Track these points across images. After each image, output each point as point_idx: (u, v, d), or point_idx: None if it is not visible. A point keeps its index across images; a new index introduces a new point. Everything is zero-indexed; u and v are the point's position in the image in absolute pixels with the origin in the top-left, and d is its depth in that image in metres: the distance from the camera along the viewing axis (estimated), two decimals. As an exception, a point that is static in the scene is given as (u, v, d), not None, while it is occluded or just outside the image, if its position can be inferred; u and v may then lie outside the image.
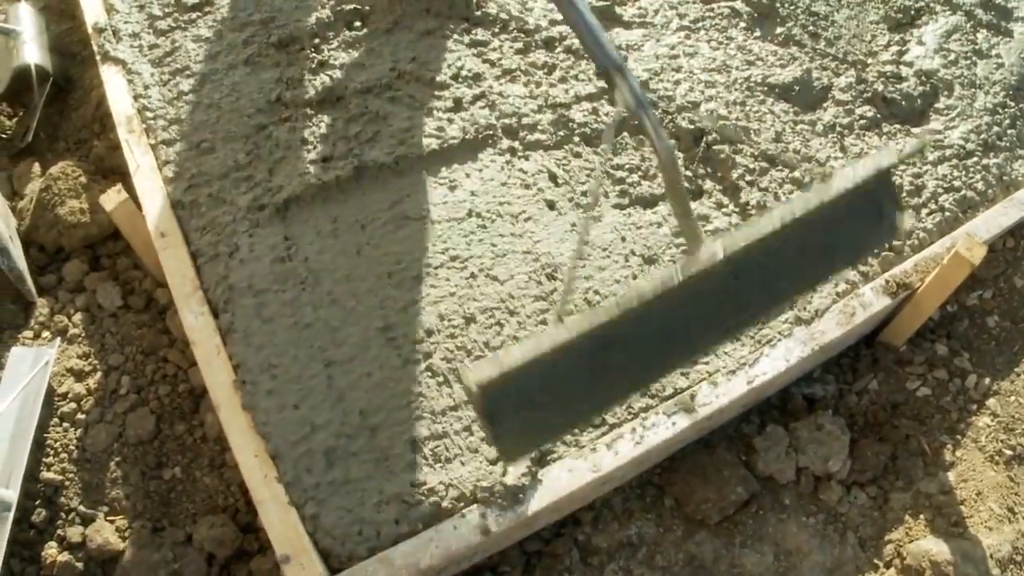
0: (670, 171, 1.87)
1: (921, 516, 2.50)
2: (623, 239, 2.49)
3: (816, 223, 1.86)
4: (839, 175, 1.90)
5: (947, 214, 2.75)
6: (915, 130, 2.94)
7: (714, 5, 3.09)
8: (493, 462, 2.10)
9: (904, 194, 2.73)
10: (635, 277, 2.42)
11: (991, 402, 2.74)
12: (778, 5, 3.11)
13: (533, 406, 1.70)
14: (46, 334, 2.65)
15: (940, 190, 2.80)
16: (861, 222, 2.03)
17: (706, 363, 2.30)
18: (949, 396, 2.74)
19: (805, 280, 2.01)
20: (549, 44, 2.90)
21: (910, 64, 3.11)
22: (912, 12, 3.29)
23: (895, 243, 2.55)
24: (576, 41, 2.91)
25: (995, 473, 2.60)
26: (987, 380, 2.77)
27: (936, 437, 2.65)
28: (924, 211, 2.74)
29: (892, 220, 2.05)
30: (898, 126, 2.94)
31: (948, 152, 2.89)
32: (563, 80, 2.82)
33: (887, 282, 2.52)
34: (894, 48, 3.17)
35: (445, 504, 2.05)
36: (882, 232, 2.08)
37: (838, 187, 1.86)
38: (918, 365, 2.77)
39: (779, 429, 2.54)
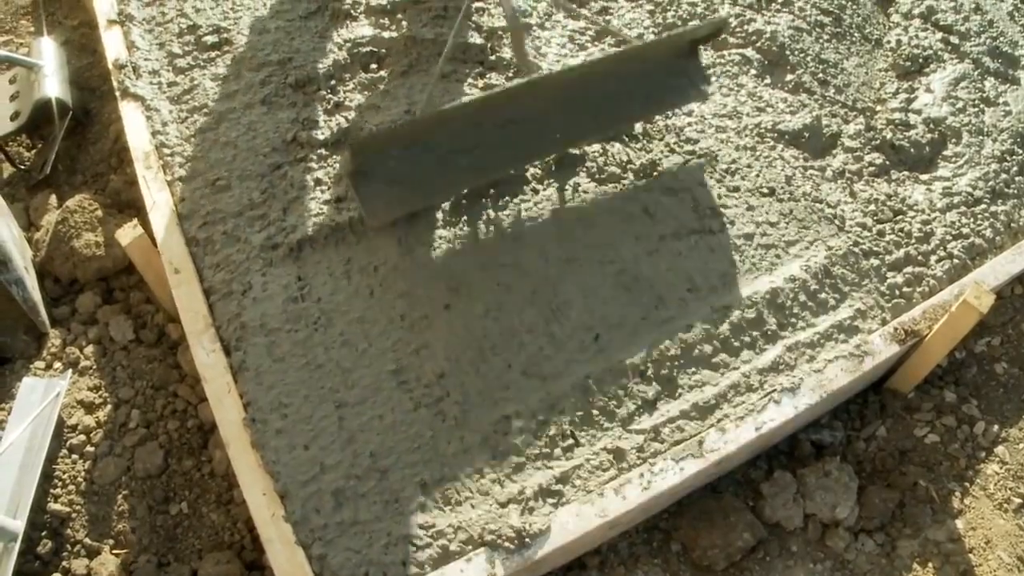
0: (512, 24, 2.53)
1: (929, 564, 2.48)
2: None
3: (634, 73, 2.65)
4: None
5: (955, 261, 2.76)
6: (923, 176, 2.97)
7: (725, 52, 3.13)
8: (503, 504, 2.10)
9: (912, 239, 2.74)
10: None
11: (1000, 449, 2.74)
12: (788, 53, 3.15)
13: (402, 176, 2.31)
14: (58, 365, 2.67)
15: (948, 237, 2.81)
16: (675, 83, 2.74)
17: (715, 408, 2.31)
18: (957, 443, 2.73)
19: (623, 112, 2.70)
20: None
21: (918, 111, 3.14)
22: (920, 60, 3.33)
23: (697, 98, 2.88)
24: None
25: (1004, 521, 2.58)
26: (995, 427, 2.77)
27: (944, 484, 2.64)
28: (933, 258, 2.75)
29: (700, 88, 2.76)
30: (907, 173, 2.97)
31: (956, 199, 2.91)
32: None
33: (895, 329, 2.52)
34: (903, 96, 3.20)
35: (453, 547, 2.04)
36: (691, 95, 2.78)
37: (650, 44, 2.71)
38: (926, 412, 2.77)
39: (787, 475, 2.54)
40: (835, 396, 2.46)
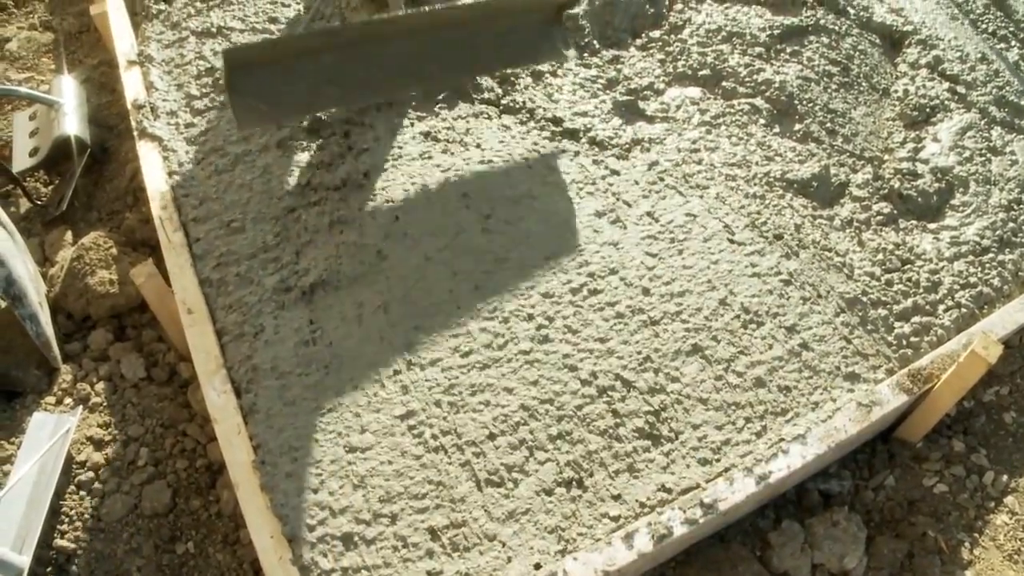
0: None
1: (938, 616, 2.46)
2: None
3: (497, 26, 2.90)
4: None
5: (963, 310, 2.77)
6: (931, 225, 2.99)
7: (734, 101, 3.18)
8: (511, 551, 2.10)
9: (920, 289, 2.75)
10: None
11: (1009, 500, 2.72)
12: (797, 102, 3.19)
13: (272, 92, 2.56)
14: (68, 401, 2.67)
15: (956, 286, 2.82)
16: (537, 42, 2.99)
17: (723, 457, 2.31)
18: (966, 493, 2.71)
19: (481, 61, 2.95)
20: (573, 134, 2.98)
21: (926, 161, 3.16)
22: (927, 110, 3.36)
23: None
24: (600, 132, 3.00)
25: (1014, 573, 2.56)
26: (1004, 477, 2.75)
27: (953, 535, 2.62)
28: (940, 307, 2.76)
29: (559, 50, 3.03)
30: (914, 222, 2.98)
31: (964, 248, 2.92)
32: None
33: (904, 379, 2.52)
34: (910, 145, 3.23)
35: (460, 594, 2.04)
36: (550, 55, 3.05)
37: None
38: (935, 461, 2.75)
39: (795, 524, 2.53)
40: (843, 446, 2.45)
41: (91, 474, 2.53)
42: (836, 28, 3.62)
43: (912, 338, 2.66)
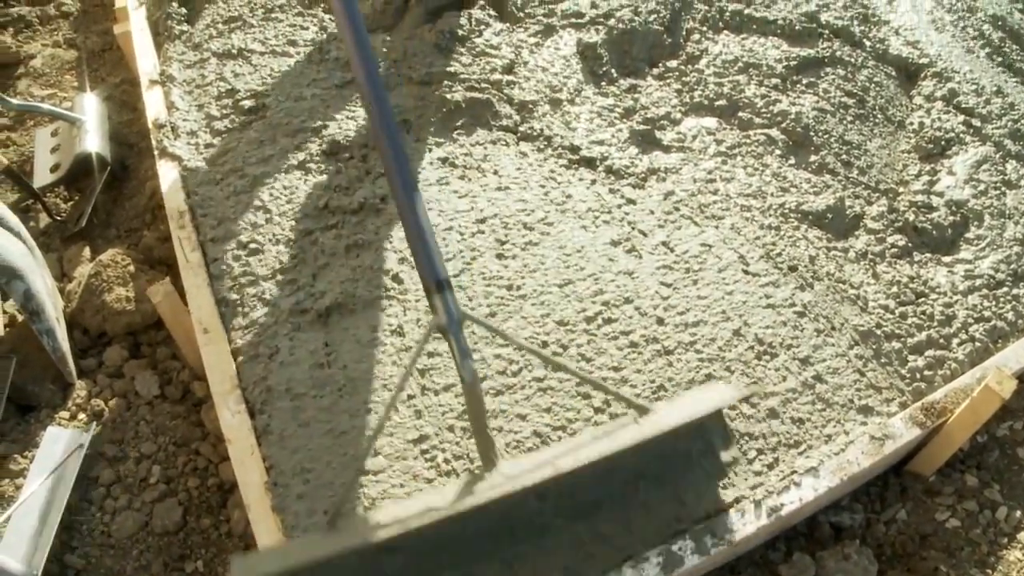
0: (471, 394, 1.91)
1: (950, 653, 2.44)
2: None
3: (634, 458, 1.97)
4: (662, 413, 2.01)
5: (977, 344, 2.76)
6: (945, 258, 2.99)
7: (750, 132, 3.19)
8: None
9: (934, 322, 2.75)
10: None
11: (1022, 536, 2.70)
12: (812, 134, 3.20)
13: None
14: (82, 416, 2.69)
15: (970, 320, 2.82)
16: (683, 459, 2.11)
17: (734, 488, 2.30)
18: (979, 528, 2.70)
19: (613, 514, 2.06)
20: (590, 162, 3.00)
21: (941, 194, 3.17)
22: (942, 143, 3.37)
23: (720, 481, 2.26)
24: (616, 161, 3.02)
25: (1026, 610, 2.54)
26: (1018, 513, 2.73)
27: (966, 570, 2.60)
28: (954, 341, 2.75)
29: (718, 459, 2.14)
30: (929, 255, 2.99)
31: (978, 282, 2.92)
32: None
33: (917, 413, 2.52)
34: (925, 178, 3.24)
35: (468, 622, 2.03)
36: (705, 472, 2.14)
37: (657, 427, 1.94)
38: (947, 496, 2.74)
39: (805, 557, 2.51)
40: (856, 479, 2.44)
41: (103, 490, 2.55)
42: (852, 60, 3.64)
43: (926, 372, 2.66)
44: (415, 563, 1.83)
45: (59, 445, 2.51)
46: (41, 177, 3.31)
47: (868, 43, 3.78)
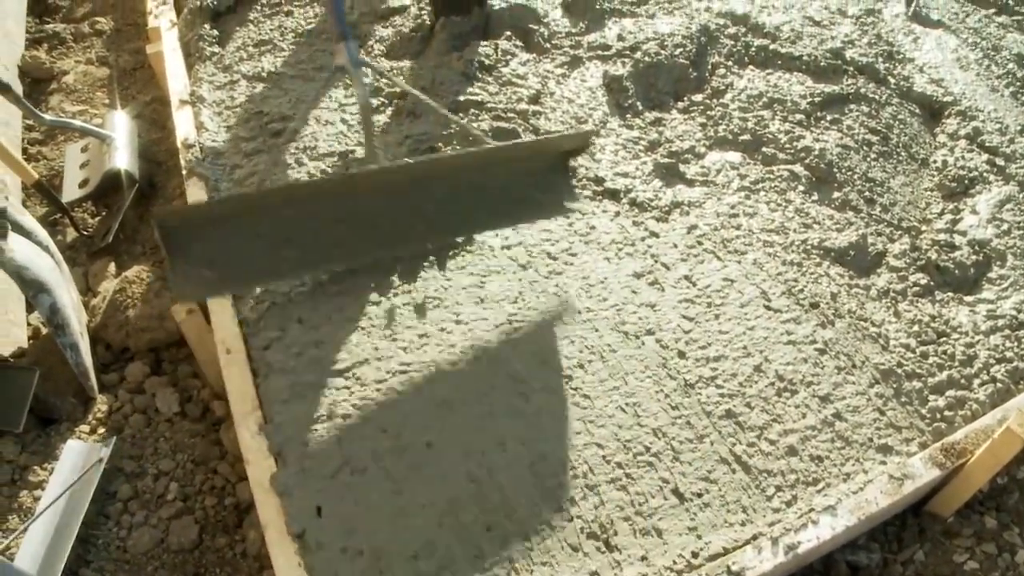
0: (365, 111, 2.59)
1: None
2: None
3: (491, 179, 2.59)
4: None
5: (999, 385, 2.74)
6: (967, 298, 2.97)
7: (774, 167, 3.21)
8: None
9: (955, 362, 2.74)
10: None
11: (1041, 580, 2.67)
12: (836, 170, 3.21)
13: (220, 257, 2.23)
14: (102, 430, 2.71)
15: (992, 361, 2.80)
16: (537, 196, 2.67)
17: (752, 525, 2.29)
18: (997, 572, 2.66)
19: (470, 221, 2.63)
20: (614, 194, 3.02)
21: (963, 233, 3.16)
22: (966, 181, 3.37)
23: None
24: (640, 194, 3.03)
25: (1044, 656, 2.51)
26: (1036, 557, 2.71)
27: (983, 615, 2.57)
28: (976, 381, 2.74)
29: (564, 205, 2.74)
30: (951, 294, 2.98)
31: (1000, 322, 2.91)
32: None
33: (937, 453, 2.50)
34: (948, 216, 3.23)
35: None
36: (553, 210, 2.73)
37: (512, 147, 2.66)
38: (966, 537, 2.71)
39: (821, 597, 2.50)
40: (874, 518, 2.43)
41: (120, 505, 2.56)
42: (876, 97, 3.66)
43: (946, 412, 2.64)
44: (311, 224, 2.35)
45: (78, 459, 2.53)
46: (70, 192, 3.37)
47: (892, 80, 3.79)
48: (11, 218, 2.62)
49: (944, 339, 2.82)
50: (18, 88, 3.44)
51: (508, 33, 3.55)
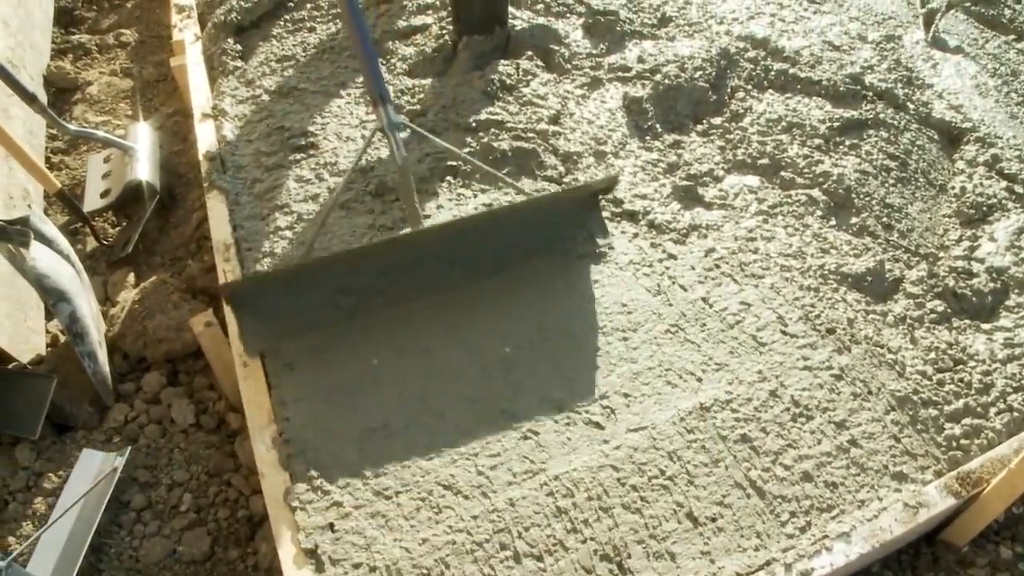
0: (402, 175, 2.62)
1: None
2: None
3: (527, 223, 2.75)
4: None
5: (1015, 414, 2.73)
6: (985, 326, 2.96)
7: (792, 192, 3.21)
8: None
9: (972, 390, 2.72)
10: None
11: (1056, 613, 2.64)
12: (854, 196, 3.21)
13: (282, 311, 2.51)
14: (117, 439, 2.73)
15: (1009, 389, 2.78)
16: (570, 234, 2.84)
17: (765, 550, 2.28)
18: (1012, 603, 2.65)
19: (508, 263, 2.77)
20: (632, 216, 3.04)
21: (981, 260, 3.15)
22: (984, 208, 3.36)
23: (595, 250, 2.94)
24: (659, 216, 3.04)
25: None
26: (1052, 590, 2.68)
27: (996, 646, 2.55)
28: (992, 410, 2.72)
29: (595, 239, 2.87)
30: (968, 321, 2.97)
31: (1018, 351, 2.89)
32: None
33: (952, 482, 2.49)
34: (966, 243, 3.23)
35: None
36: (585, 246, 2.85)
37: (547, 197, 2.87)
38: (980, 568, 2.69)
39: (834, 625, 2.48)
40: (888, 546, 2.41)
41: (133, 515, 2.57)
42: (895, 123, 3.66)
43: (962, 440, 2.62)
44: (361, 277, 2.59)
45: (93, 467, 2.54)
46: (91, 202, 3.39)
47: (911, 106, 3.79)
48: (34, 227, 2.65)
49: (961, 367, 2.81)
50: (43, 98, 3.48)
51: (529, 53, 3.57)
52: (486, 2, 3.51)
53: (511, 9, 3.66)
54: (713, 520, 2.29)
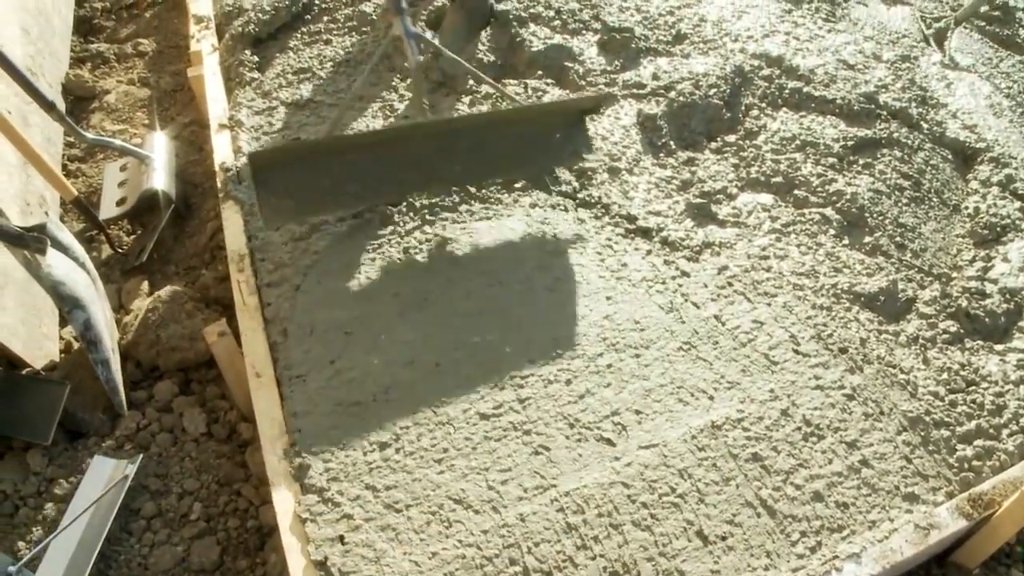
0: (415, 72, 3.06)
1: None
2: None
3: (521, 131, 3.02)
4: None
5: (1028, 437, 2.72)
6: (997, 347, 2.95)
7: (805, 211, 3.21)
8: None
9: (984, 412, 2.71)
10: None
11: (1067, 639, 2.62)
12: (867, 215, 3.21)
13: (296, 190, 2.73)
14: (128, 447, 2.73)
15: (1021, 411, 2.77)
16: (559, 145, 3.09)
17: (775, 570, 2.27)
18: (1022, 627, 2.63)
19: (505, 164, 3.04)
20: (646, 233, 3.03)
21: (995, 281, 3.15)
22: (998, 229, 3.36)
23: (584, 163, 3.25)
24: (672, 233, 3.05)
25: None
26: (1064, 615, 2.66)
27: (1007, 672, 2.53)
28: (1005, 432, 2.71)
29: (582, 153, 3.13)
30: (981, 342, 2.96)
31: (1031, 373, 2.88)
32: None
33: (964, 503, 2.47)
34: (979, 264, 3.22)
35: None
36: (572, 157, 3.13)
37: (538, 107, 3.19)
38: (991, 591, 2.68)
39: (843, 646, 2.46)
40: (898, 567, 2.40)
41: (143, 522, 2.57)
42: (909, 142, 3.66)
43: (974, 462, 2.62)
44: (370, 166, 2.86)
45: (104, 474, 2.55)
46: (107, 210, 3.41)
47: (925, 125, 3.79)
48: (50, 234, 2.66)
49: (973, 388, 2.80)
50: (61, 106, 3.51)
51: (540, 72, 3.59)
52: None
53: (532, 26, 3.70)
54: (723, 539, 2.28)
